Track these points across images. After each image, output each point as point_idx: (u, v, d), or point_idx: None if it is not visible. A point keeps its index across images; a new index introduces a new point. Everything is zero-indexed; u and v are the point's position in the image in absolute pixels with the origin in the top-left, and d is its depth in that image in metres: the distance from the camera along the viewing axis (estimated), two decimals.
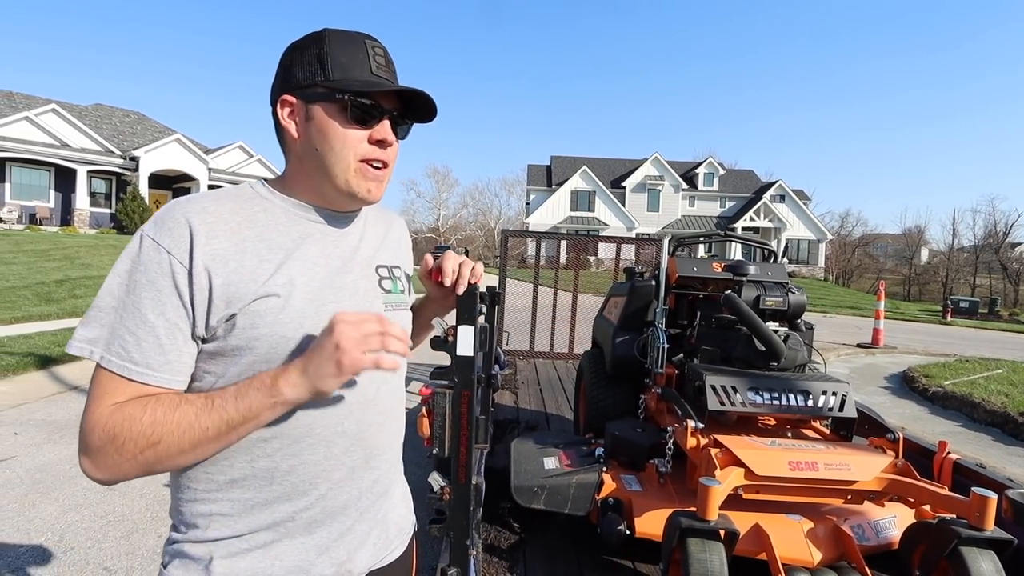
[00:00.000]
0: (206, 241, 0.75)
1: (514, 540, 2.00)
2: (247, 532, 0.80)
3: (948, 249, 41.45)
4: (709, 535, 1.48)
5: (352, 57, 0.83)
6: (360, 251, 0.91)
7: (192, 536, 0.80)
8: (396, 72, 0.88)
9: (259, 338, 0.76)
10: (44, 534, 2.88)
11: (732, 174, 42.38)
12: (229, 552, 0.79)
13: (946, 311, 20.15)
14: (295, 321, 0.78)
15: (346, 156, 0.83)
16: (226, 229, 0.78)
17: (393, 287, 0.94)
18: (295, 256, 0.82)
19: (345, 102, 0.81)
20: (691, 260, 2.53)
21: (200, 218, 0.76)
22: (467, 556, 1.10)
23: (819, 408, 1.95)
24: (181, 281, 0.74)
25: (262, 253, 0.79)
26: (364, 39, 0.85)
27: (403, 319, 0.96)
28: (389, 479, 0.94)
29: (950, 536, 1.49)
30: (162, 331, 0.73)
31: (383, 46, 0.87)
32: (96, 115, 25.40)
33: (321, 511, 0.83)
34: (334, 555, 0.85)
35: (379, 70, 0.84)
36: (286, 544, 0.81)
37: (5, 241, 16.09)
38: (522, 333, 6.20)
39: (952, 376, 7.40)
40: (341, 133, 0.82)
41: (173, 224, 0.75)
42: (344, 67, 0.82)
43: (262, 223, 0.82)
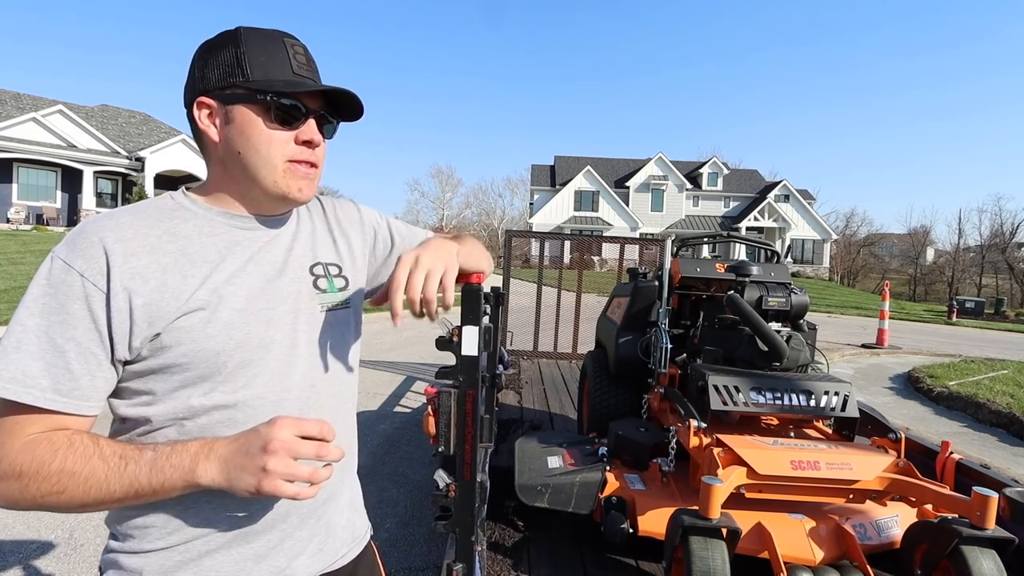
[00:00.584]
0: (123, 260, 0.72)
1: (518, 538, 2.01)
2: (181, 543, 0.78)
3: (954, 249, 41.26)
4: (711, 533, 1.49)
5: (272, 56, 0.79)
6: (293, 252, 0.88)
7: (128, 547, 0.79)
8: (318, 70, 0.85)
9: (187, 355, 0.74)
10: (54, 531, 2.92)
11: (736, 174, 42.28)
12: (162, 566, 0.77)
13: (952, 311, 20.06)
14: (223, 334, 0.76)
15: (273, 158, 0.80)
16: (145, 245, 0.74)
17: (329, 286, 0.90)
18: (221, 268, 0.79)
19: (268, 103, 0.78)
20: (694, 261, 2.54)
21: (115, 236, 0.73)
22: (472, 552, 1.12)
23: (821, 408, 1.96)
24: (96, 305, 0.70)
25: (185, 268, 0.76)
26: (283, 37, 0.82)
27: (342, 320, 0.92)
28: (333, 485, 0.90)
29: (951, 535, 1.49)
30: (72, 356, 0.70)
31: (302, 44, 0.84)
32: (102, 116, 25.55)
33: (258, 519, 0.81)
34: (272, 562, 0.83)
35: (300, 69, 0.81)
36: (222, 554, 0.79)
37: (13, 242, 16.22)
38: (526, 333, 6.22)
39: (957, 377, 7.38)
40: (266, 135, 0.79)
41: (86, 245, 0.72)
42: (264, 67, 0.79)
43: (184, 235, 0.78)
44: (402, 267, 0.81)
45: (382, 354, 8.19)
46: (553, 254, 19.21)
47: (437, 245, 0.87)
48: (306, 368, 0.85)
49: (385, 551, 2.84)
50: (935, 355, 10.20)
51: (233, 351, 0.77)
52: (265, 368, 0.80)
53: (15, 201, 21.34)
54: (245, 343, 0.78)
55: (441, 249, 0.86)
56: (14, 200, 21.32)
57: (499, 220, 58.98)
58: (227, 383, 0.77)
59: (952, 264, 39.90)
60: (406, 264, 0.81)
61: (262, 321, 0.80)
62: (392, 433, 4.77)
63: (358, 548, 0.99)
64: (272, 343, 0.81)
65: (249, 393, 0.79)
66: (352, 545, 0.97)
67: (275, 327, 0.81)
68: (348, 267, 0.95)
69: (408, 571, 2.70)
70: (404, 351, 8.56)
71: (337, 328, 0.90)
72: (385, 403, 5.69)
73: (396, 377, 6.78)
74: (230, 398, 0.77)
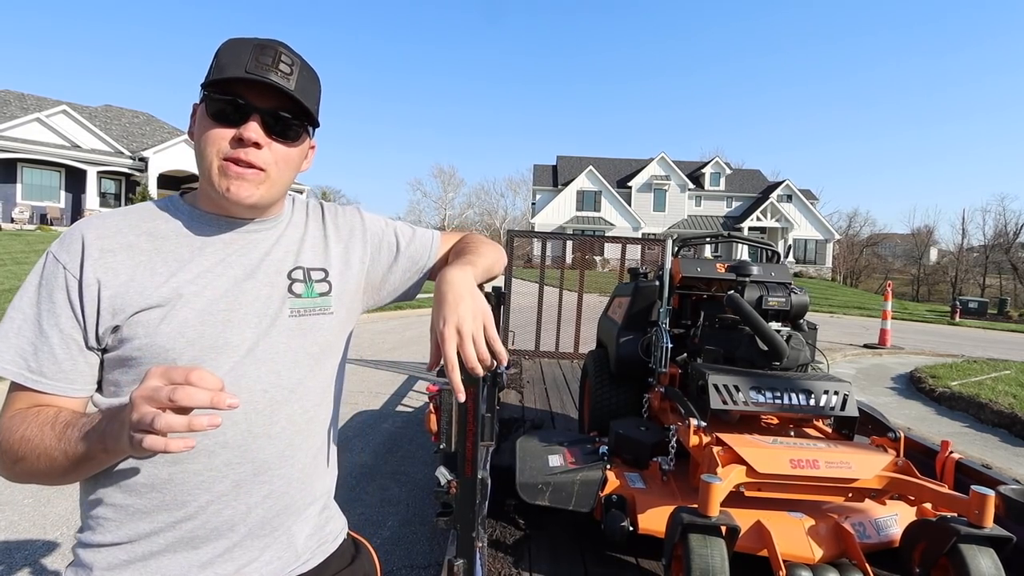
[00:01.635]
0: (99, 255, 0.78)
1: (519, 536, 2.03)
2: (127, 540, 0.79)
3: (957, 249, 41.14)
4: (710, 531, 1.50)
5: (234, 57, 0.78)
6: (271, 256, 0.87)
7: (84, 537, 0.81)
8: (294, 73, 0.81)
9: (140, 349, 0.76)
10: (59, 528, 2.94)
11: (739, 174, 42.24)
12: (110, 564, 0.79)
13: (955, 312, 20.02)
14: (176, 332, 0.77)
15: (209, 154, 0.80)
16: (123, 243, 0.80)
17: (306, 291, 0.88)
18: (188, 267, 0.81)
19: (206, 97, 0.80)
20: (695, 261, 2.56)
21: (96, 233, 0.80)
22: (473, 549, 1.13)
23: (821, 407, 1.97)
24: (73, 294, 0.77)
25: (156, 266, 0.80)
26: (256, 42, 0.80)
27: (317, 325, 0.89)
28: (290, 495, 0.87)
29: (949, 534, 1.50)
30: (55, 341, 0.76)
31: (281, 47, 0.81)
32: (106, 116, 25.65)
33: (203, 525, 0.80)
34: (218, 569, 0.82)
35: (257, 68, 0.77)
36: (167, 558, 0.79)
37: (18, 241, 16.29)
38: (528, 333, 6.23)
39: (959, 377, 7.37)
40: (205, 132, 0.80)
41: (71, 240, 0.79)
42: (222, 67, 0.78)
43: (162, 235, 0.82)
44: (448, 345, 0.78)
45: (384, 353, 8.21)
46: (555, 254, 19.22)
47: (458, 295, 0.82)
48: (261, 372, 0.82)
49: (388, 549, 2.86)
50: (937, 355, 10.19)
51: (183, 349, 0.77)
52: (216, 369, 0.78)
53: (19, 201, 21.42)
54: (196, 342, 0.78)
55: (466, 299, 0.82)
56: (18, 200, 21.41)
57: (501, 220, 59.02)
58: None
59: (955, 264, 39.79)
60: (451, 341, 0.78)
61: (220, 322, 0.80)
62: (394, 432, 4.79)
63: (327, 551, 0.96)
64: (226, 345, 0.80)
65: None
66: (317, 551, 0.94)
67: (233, 329, 0.81)
68: (337, 272, 0.94)
69: (410, 569, 2.72)
70: (406, 351, 8.58)
71: (309, 334, 0.88)
72: (387, 402, 5.72)
73: (398, 377, 6.80)
74: None
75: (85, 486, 0.82)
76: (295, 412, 0.86)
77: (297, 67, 0.82)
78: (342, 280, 0.94)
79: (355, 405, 5.47)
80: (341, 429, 4.72)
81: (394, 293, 1.06)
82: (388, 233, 1.03)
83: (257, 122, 0.80)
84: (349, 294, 0.96)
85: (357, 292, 0.98)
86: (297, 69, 0.81)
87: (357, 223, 1.01)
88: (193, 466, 0.79)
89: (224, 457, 0.80)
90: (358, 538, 1.05)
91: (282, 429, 0.84)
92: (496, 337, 0.82)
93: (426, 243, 1.05)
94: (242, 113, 0.79)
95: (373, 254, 1.00)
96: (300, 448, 0.88)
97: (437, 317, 0.81)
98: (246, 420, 0.81)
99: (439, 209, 59.26)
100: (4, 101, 22.86)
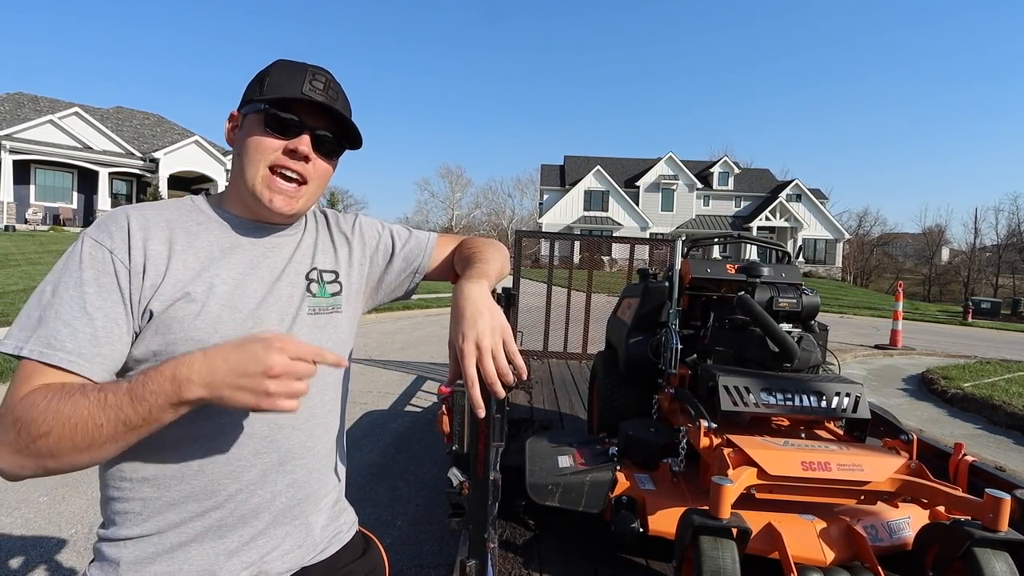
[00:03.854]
0: (142, 242, 0.80)
1: (529, 536, 2.03)
2: (154, 532, 0.81)
3: (970, 248, 40.71)
4: (721, 533, 1.50)
5: (289, 78, 0.87)
6: (293, 260, 0.93)
7: (110, 533, 0.82)
8: (338, 98, 0.90)
9: (173, 342, 0.79)
10: (74, 526, 2.98)
11: (747, 173, 42.00)
12: (137, 557, 0.80)
13: (967, 312, 19.79)
14: (210, 327, 0.80)
15: (257, 161, 0.86)
16: (161, 235, 0.83)
17: (320, 291, 0.94)
18: (220, 264, 0.85)
19: (263, 110, 0.86)
20: (704, 261, 2.55)
21: (137, 221, 0.82)
22: (485, 549, 1.14)
23: (832, 409, 1.96)
24: (123, 279, 0.78)
25: (188, 260, 0.83)
26: (308, 67, 0.89)
27: (330, 323, 0.95)
28: (310, 484, 0.92)
29: (963, 537, 1.49)
30: (99, 323, 0.75)
31: (329, 75, 0.90)
32: (117, 118, 25.91)
33: (231, 513, 0.83)
34: (244, 557, 0.85)
35: (311, 91, 0.86)
36: (194, 548, 0.82)
37: (31, 242, 16.50)
38: (536, 333, 6.23)
39: (972, 378, 7.29)
40: (257, 139, 0.86)
41: (115, 226, 0.81)
42: (277, 85, 0.86)
43: (194, 233, 0.86)
44: (468, 361, 0.79)
45: (393, 353, 8.24)
46: (563, 254, 19.20)
47: (476, 310, 0.83)
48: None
49: (397, 549, 2.87)
50: (949, 356, 10.08)
51: (214, 343, 0.79)
52: None
53: (33, 202, 21.69)
54: (229, 337, 0.80)
55: (484, 314, 0.83)
56: (32, 201, 21.67)
57: (508, 220, 59.04)
58: None
59: (968, 264, 39.37)
60: (470, 356, 0.79)
61: (250, 319, 0.84)
62: (403, 432, 4.81)
63: (342, 541, 1.01)
64: None
65: None
66: (332, 541, 0.98)
67: (260, 326, 0.85)
68: (344, 273, 1.00)
69: (420, 569, 2.73)
70: (415, 350, 8.61)
71: (323, 330, 0.93)
72: (396, 402, 5.74)
73: (407, 376, 6.83)
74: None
75: (107, 482, 0.82)
76: (315, 404, 0.91)
77: (341, 95, 0.91)
78: (349, 280, 1.00)
79: (364, 405, 5.50)
80: (351, 429, 4.77)
81: (391, 294, 1.11)
82: (385, 236, 1.09)
83: (308, 138, 0.88)
84: (354, 294, 1.01)
85: (360, 293, 1.04)
86: (341, 96, 0.91)
87: (356, 228, 1.07)
88: (224, 456, 0.82)
89: (252, 447, 0.84)
90: (368, 534, 1.09)
91: (304, 420, 0.89)
92: (516, 351, 0.83)
93: (421, 244, 1.10)
94: (296, 129, 0.87)
95: (371, 256, 1.06)
96: (320, 439, 0.93)
97: (456, 333, 0.82)
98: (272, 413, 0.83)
99: (446, 209, 59.44)
100: (18, 103, 23.14)
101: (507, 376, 0.81)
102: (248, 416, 0.83)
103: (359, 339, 5.89)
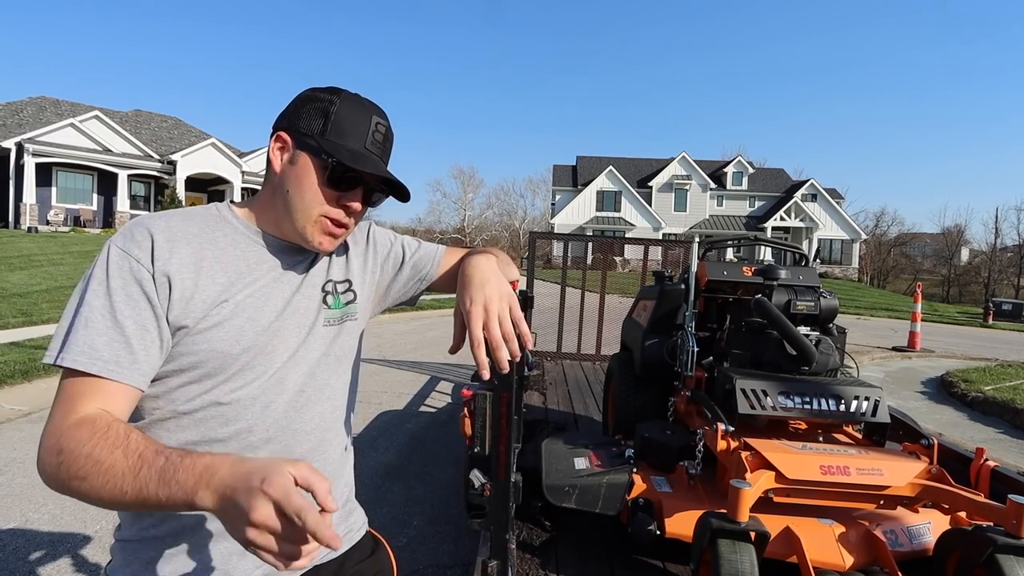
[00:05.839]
0: (168, 254, 0.81)
1: (546, 538, 2.05)
2: (169, 535, 0.83)
3: (990, 249, 39.88)
4: (740, 536, 1.50)
5: (355, 126, 0.87)
6: (310, 274, 0.95)
7: (125, 534, 0.85)
8: (390, 149, 0.94)
9: (198, 353, 0.81)
10: (99, 522, 3.04)
11: (762, 173, 41.59)
12: (153, 558, 0.83)
13: (988, 314, 19.41)
14: (233, 339, 0.83)
15: (310, 209, 0.87)
16: (187, 247, 0.83)
17: (335, 302, 0.97)
18: (246, 279, 0.86)
19: (328, 165, 0.86)
20: (721, 264, 2.54)
21: (163, 233, 0.82)
22: (506, 550, 1.16)
23: (851, 413, 1.95)
24: (148, 287, 0.78)
25: (216, 274, 0.84)
26: (373, 112, 0.90)
27: (343, 332, 0.98)
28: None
29: (986, 543, 1.48)
30: (131, 331, 0.76)
31: (387, 123, 0.93)
32: (136, 121, 26.35)
33: None
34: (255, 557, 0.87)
35: (373, 145, 0.89)
36: (210, 547, 0.84)
37: (53, 243, 16.84)
38: (549, 334, 6.24)
39: (993, 381, 7.17)
40: (314, 189, 0.87)
41: (141, 236, 0.81)
42: (343, 132, 0.87)
43: (221, 245, 0.87)
44: (475, 322, 0.84)
45: (407, 354, 8.30)
46: (575, 255, 19.19)
47: (484, 277, 0.90)
48: (299, 375, 0.90)
49: (413, 548, 2.90)
50: (970, 359, 9.91)
51: (239, 355, 0.83)
52: (264, 373, 0.86)
53: (54, 204, 22.12)
54: (251, 349, 0.84)
55: (492, 280, 0.89)
56: (53, 203, 22.10)
57: (520, 221, 59.01)
58: (228, 383, 0.83)
59: (988, 264, 38.59)
60: (478, 319, 0.84)
61: (271, 331, 0.87)
62: (418, 432, 4.84)
63: (352, 540, 1.03)
64: (274, 352, 0.87)
65: (244, 394, 0.84)
66: (343, 539, 0.99)
67: (280, 337, 0.88)
68: (358, 282, 1.02)
69: (436, 568, 2.76)
70: (428, 351, 8.65)
71: (337, 339, 0.96)
72: (411, 403, 5.78)
73: (421, 377, 6.87)
74: (227, 397, 0.83)
75: None
76: (326, 410, 0.94)
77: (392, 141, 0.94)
78: (361, 288, 1.03)
79: (379, 405, 5.55)
80: (366, 429, 4.82)
81: (397, 299, 1.14)
82: (396, 246, 1.12)
83: (362, 192, 0.90)
84: (366, 301, 1.05)
85: (370, 299, 1.07)
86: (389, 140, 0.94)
87: (370, 237, 1.10)
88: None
89: (266, 451, 0.86)
90: (376, 535, 1.11)
91: (315, 426, 0.92)
92: (521, 318, 0.88)
93: (430, 254, 1.13)
94: (351, 183, 0.88)
95: (382, 264, 1.09)
96: (331, 443, 0.96)
97: (464, 296, 0.88)
98: (286, 417, 0.88)
99: (459, 210, 59.50)
100: (40, 107, 23.64)
101: (512, 342, 0.84)
102: (263, 422, 0.86)
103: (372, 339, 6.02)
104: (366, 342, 1.13)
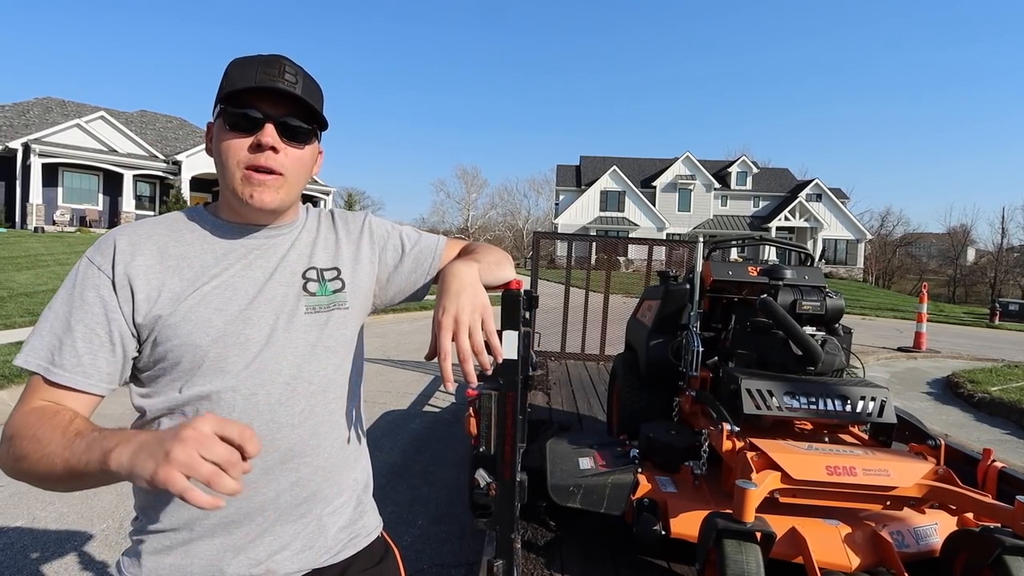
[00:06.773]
0: (130, 258, 0.83)
1: (551, 537, 2.05)
2: (170, 528, 0.85)
3: (996, 249, 39.67)
4: (746, 537, 1.50)
5: (243, 73, 0.84)
6: (287, 259, 0.93)
7: (136, 526, 0.89)
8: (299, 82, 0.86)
9: (173, 349, 0.82)
10: (105, 521, 3.06)
11: (766, 172, 41.46)
12: (155, 549, 0.86)
13: (994, 314, 19.30)
14: (202, 331, 0.83)
15: (231, 165, 0.85)
16: (153, 248, 0.85)
17: (320, 289, 0.94)
18: (212, 271, 0.87)
19: (223, 111, 0.85)
20: (726, 264, 2.54)
21: (128, 239, 0.85)
22: (512, 549, 1.16)
23: (857, 413, 1.95)
24: (105, 291, 0.81)
25: (184, 271, 0.85)
26: (262, 57, 0.86)
27: (333, 320, 0.94)
28: (316, 483, 0.92)
29: (993, 545, 1.47)
30: (79, 335, 0.80)
31: (285, 60, 0.86)
32: (141, 121, 26.45)
33: (237, 510, 0.85)
34: (251, 555, 0.87)
35: (265, 79, 0.83)
36: (204, 543, 0.85)
37: (59, 243, 16.93)
38: (553, 334, 6.23)
39: (999, 382, 7.12)
40: (225, 144, 0.85)
41: (105, 245, 0.85)
42: (233, 82, 0.84)
43: (188, 242, 0.88)
44: (443, 333, 0.84)
45: (411, 354, 8.30)
46: (579, 255, 19.18)
47: (461, 286, 0.89)
48: (282, 366, 0.88)
49: (418, 548, 2.90)
50: (976, 359, 9.86)
51: (209, 347, 0.83)
52: (237, 362, 0.85)
53: (61, 204, 22.23)
54: (221, 340, 0.84)
55: (467, 290, 0.88)
56: (60, 203, 22.21)
57: (524, 221, 58.98)
58: (205, 375, 0.84)
59: (994, 265, 38.38)
60: (447, 330, 0.84)
61: (241, 320, 0.86)
62: (422, 432, 4.85)
63: (359, 545, 1.00)
64: (247, 341, 0.86)
65: (221, 385, 0.84)
66: (348, 545, 0.97)
67: (252, 326, 0.86)
68: (349, 270, 0.99)
69: (441, 568, 2.76)
70: None
71: (326, 328, 0.93)
72: (415, 402, 5.78)
73: (425, 376, 6.87)
74: (204, 389, 0.84)
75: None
76: (317, 403, 0.91)
77: (300, 76, 0.88)
78: (354, 277, 1.00)
79: (383, 405, 5.55)
80: (370, 428, 4.82)
81: (401, 294, 1.10)
82: (394, 236, 1.09)
83: (272, 128, 0.85)
84: (361, 291, 1.01)
85: (369, 290, 1.03)
86: (300, 78, 0.87)
87: (366, 226, 1.07)
88: None
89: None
90: (389, 542, 1.08)
91: (305, 419, 0.89)
92: (493, 331, 0.87)
93: (431, 246, 1.10)
94: (257, 122, 0.85)
95: (380, 254, 1.06)
96: (326, 438, 0.93)
97: (437, 305, 0.88)
98: (270, 411, 0.86)
99: (462, 210, 59.49)
100: (46, 108, 23.75)
101: (481, 355, 0.84)
102: (247, 413, 0.85)
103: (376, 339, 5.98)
104: (369, 342, 1.11)
